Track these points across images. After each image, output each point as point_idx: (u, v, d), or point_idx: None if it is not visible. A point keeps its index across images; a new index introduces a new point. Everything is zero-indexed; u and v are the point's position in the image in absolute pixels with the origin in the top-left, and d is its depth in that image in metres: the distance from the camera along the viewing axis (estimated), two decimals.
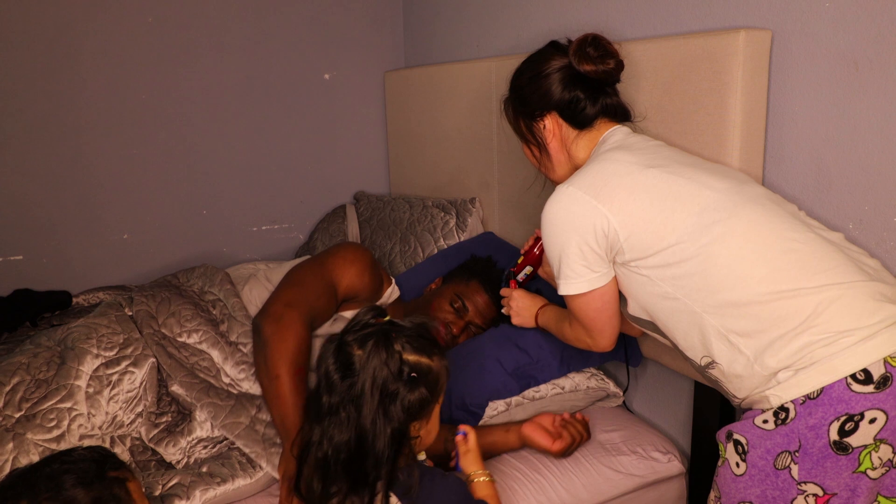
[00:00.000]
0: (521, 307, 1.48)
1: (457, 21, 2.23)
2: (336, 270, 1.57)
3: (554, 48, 1.27)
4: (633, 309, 1.18)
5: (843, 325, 0.96)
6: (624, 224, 1.09)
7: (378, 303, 1.66)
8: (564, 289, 1.17)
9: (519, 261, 1.54)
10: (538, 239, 1.49)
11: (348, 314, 1.62)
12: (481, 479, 1.23)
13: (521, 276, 1.53)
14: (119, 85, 2.14)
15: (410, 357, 1.08)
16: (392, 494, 1.08)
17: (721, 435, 1.08)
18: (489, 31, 2.08)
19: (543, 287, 1.58)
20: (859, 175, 1.18)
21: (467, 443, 1.25)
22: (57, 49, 2.05)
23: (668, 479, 1.56)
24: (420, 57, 2.48)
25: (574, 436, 1.46)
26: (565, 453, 1.46)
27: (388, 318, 1.13)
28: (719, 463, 1.08)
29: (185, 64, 2.23)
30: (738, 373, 1.03)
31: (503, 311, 1.54)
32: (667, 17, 1.47)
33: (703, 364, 1.10)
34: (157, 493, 1.28)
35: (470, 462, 1.24)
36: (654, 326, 1.17)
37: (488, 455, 1.47)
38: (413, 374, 1.07)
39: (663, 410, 1.73)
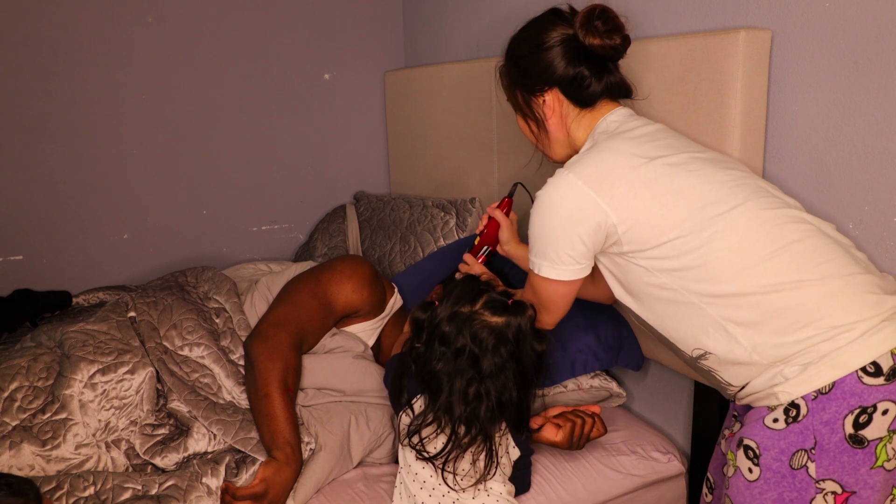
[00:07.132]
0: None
1: (457, 21, 2.23)
2: (332, 287, 1.54)
3: (556, 16, 1.20)
4: (620, 295, 1.16)
5: (846, 317, 0.96)
6: (623, 219, 1.06)
7: (381, 314, 1.65)
8: (547, 272, 1.13)
9: (476, 241, 1.52)
10: (491, 218, 1.48)
11: (350, 329, 1.61)
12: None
13: (479, 258, 1.51)
14: (119, 85, 2.14)
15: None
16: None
17: (732, 444, 1.06)
18: (489, 31, 2.07)
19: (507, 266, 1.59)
20: (859, 175, 1.18)
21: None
22: (57, 49, 2.05)
23: (668, 479, 1.56)
24: (420, 57, 2.48)
25: (574, 421, 1.37)
26: (575, 445, 1.38)
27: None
28: (730, 474, 1.06)
29: (185, 64, 2.22)
30: (737, 360, 1.03)
31: (456, 276, 1.48)
32: (666, 18, 1.47)
33: (694, 356, 1.09)
34: (154, 491, 1.28)
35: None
36: (636, 315, 1.16)
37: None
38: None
39: (663, 410, 1.73)
